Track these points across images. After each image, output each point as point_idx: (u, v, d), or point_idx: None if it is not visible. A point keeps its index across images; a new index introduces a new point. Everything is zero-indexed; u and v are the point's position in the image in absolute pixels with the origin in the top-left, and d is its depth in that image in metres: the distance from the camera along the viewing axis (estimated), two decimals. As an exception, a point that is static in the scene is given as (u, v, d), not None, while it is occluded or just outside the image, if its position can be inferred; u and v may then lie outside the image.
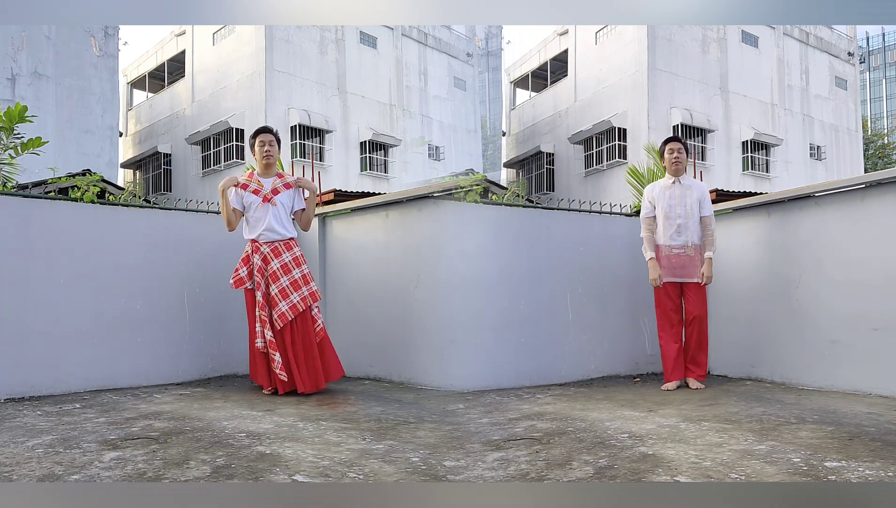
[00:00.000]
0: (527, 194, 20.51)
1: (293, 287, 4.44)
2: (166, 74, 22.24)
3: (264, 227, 4.46)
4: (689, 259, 4.71)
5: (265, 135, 4.60)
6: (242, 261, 4.53)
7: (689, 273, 4.71)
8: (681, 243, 4.70)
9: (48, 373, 4.32)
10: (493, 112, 34.06)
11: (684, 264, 4.70)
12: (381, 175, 20.12)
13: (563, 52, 22.31)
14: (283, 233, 4.51)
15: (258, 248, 4.46)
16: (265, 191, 4.50)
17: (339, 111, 19.46)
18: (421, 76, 22.09)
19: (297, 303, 4.42)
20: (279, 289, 4.41)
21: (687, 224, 4.70)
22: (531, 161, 23.22)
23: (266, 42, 17.97)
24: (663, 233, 4.75)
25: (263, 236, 4.47)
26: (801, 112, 22.19)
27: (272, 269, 4.44)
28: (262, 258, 4.45)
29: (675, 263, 4.71)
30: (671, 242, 4.71)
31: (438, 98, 22.67)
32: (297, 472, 2.49)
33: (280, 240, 4.49)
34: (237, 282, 4.52)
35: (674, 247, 4.71)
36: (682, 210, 4.71)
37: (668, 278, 4.72)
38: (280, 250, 4.48)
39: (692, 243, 4.71)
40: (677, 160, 4.77)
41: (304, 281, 4.48)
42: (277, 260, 4.45)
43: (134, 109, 23.93)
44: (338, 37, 19.64)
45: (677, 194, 4.74)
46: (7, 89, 14.95)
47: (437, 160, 22.17)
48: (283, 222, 4.52)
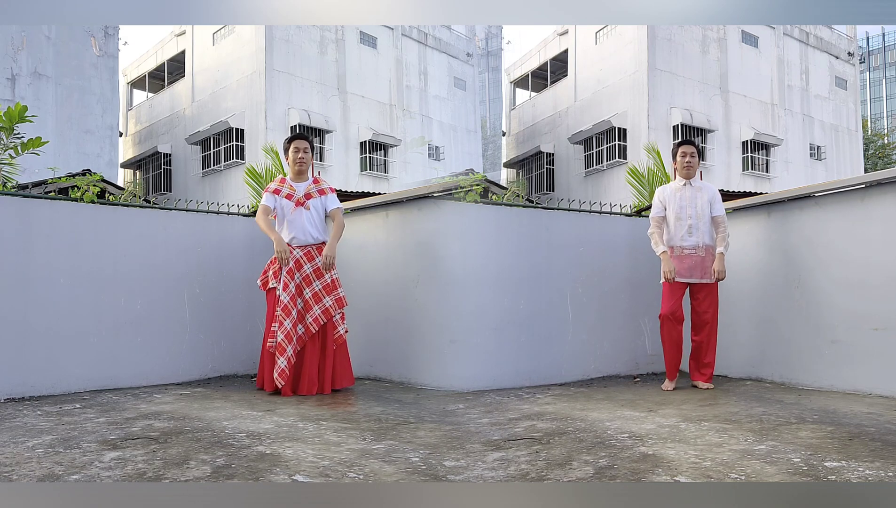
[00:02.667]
0: (527, 194, 20.51)
1: (325, 291, 4.48)
2: (166, 74, 22.24)
3: (298, 230, 4.51)
4: (700, 260, 4.70)
5: (300, 141, 4.63)
6: (270, 262, 4.55)
7: (700, 274, 4.70)
8: (692, 243, 4.70)
9: (48, 373, 4.32)
10: (493, 112, 34.05)
11: (695, 265, 4.70)
12: (381, 175, 20.12)
13: (563, 52, 22.31)
14: (317, 237, 4.56)
15: (291, 251, 4.48)
16: (298, 195, 4.54)
17: (339, 111, 19.46)
18: (421, 76, 22.09)
19: (329, 307, 4.48)
20: (313, 293, 4.46)
21: (698, 225, 4.70)
22: (531, 161, 23.22)
23: (266, 42, 17.97)
24: (675, 233, 4.75)
25: (297, 239, 4.51)
26: (801, 112, 22.19)
27: (305, 272, 4.47)
28: (296, 262, 4.47)
29: (687, 263, 4.70)
30: (682, 242, 4.71)
31: (438, 98, 22.67)
32: (297, 472, 2.49)
33: (313, 244, 4.54)
34: (263, 283, 4.56)
35: (685, 248, 4.70)
36: (692, 211, 4.72)
37: (678, 278, 4.71)
38: (313, 254, 4.52)
39: (703, 244, 4.71)
40: (689, 164, 4.79)
41: (333, 286, 4.52)
42: (310, 264, 4.49)
43: (134, 109, 23.93)
44: (338, 37, 19.64)
45: (688, 196, 4.76)
46: (7, 89, 14.94)
47: (437, 160, 22.17)
48: (317, 226, 4.56)
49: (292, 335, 4.39)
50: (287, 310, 4.39)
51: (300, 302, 4.46)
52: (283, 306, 4.38)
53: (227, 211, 5.44)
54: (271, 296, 4.50)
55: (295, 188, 4.58)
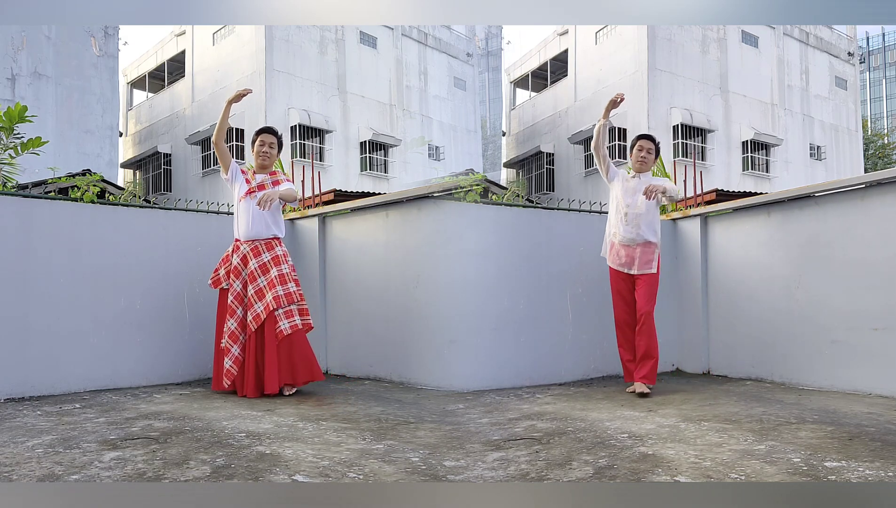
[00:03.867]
0: (527, 194, 20.53)
1: (269, 287, 4.34)
2: (166, 74, 22.25)
3: (245, 224, 4.40)
4: (634, 254, 4.56)
5: (267, 136, 4.56)
6: (222, 260, 4.50)
7: (638, 265, 4.56)
8: (627, 235, 4.55)
9: (48, 373, 4.32)
10: (493, 112, 34.06)
11: (632, 257, 4.56)
12: (381, 175, 20.13)
13: (563, 52, 22.32)
14: (264, 232, 4.41)
15: (238, 247, 4.42)
16: (254, 184, 4.44)
17: (339, 111, 19.47)
18: (421, 76, 22.10)
19: (269, 303, 4.31)
20: (255, 290, 4.35)
21: (636, 219, 4.54)
22: (531, 161, 23.23)
23: (266, 42, 17.98)
24: (615, 221, 4.62)
25: (244, 233, 4.41)
26: (801, 112, 22.20)
27: (250, 269, 4.37)
28: (242, 258, 4.40)
29: (628, 254, 4.57)
30: (622, 232, 4.57)
31: (438, 98, 22.67)
32: (297, 472, 2.49)
33: (261, 239, 4.41)
34: (214, 282, 4.49)
35: (623, 237, 4.57)
36: (632, 201, 4.56)
37: (616, 266, 4.60)
38: (260, 249, 4.39)
39: (641, 239, 4.54)
40: (644, 159, 4.66)
41: (280, 281, 4.34)
42: (256, 260, 4.37)
43: (134, 109, 23.94)
44: (338, 37, 19.65)
45: (632, 187, 4.60)
46: (7, 89, 14.95)
47: (437, 160, 22.18)
48: (266, 220, 4.41)
49: (237, 334, 4.34)
50: (231, 310, 4.34)
51: (245, 300, 4.38)
52: (227, 306, 4.36)
53: (227, 211, 5.43)
54: (223, 296, 4.44)
55: (254, 177, 4.49)
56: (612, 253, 4.67)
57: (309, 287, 5.61)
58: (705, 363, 5.51)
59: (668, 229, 5.73)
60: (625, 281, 4.63)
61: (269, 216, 4.42)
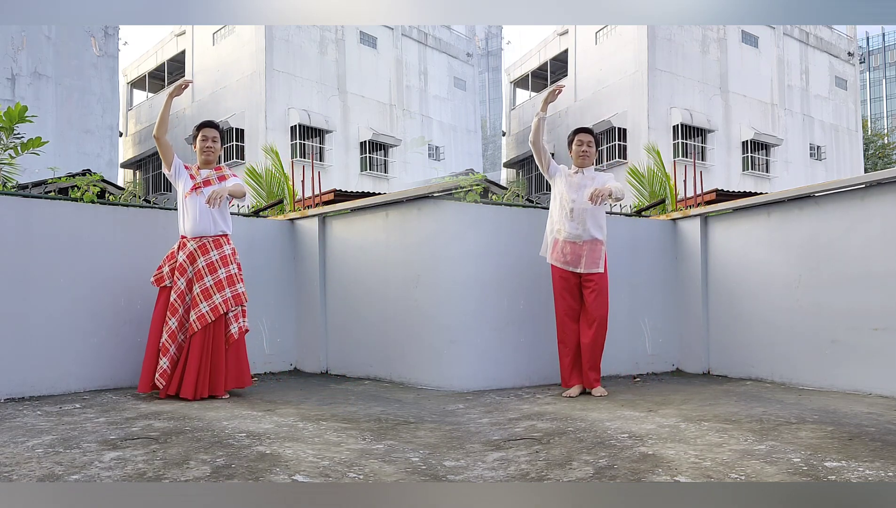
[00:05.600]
0: (527, 194, 20.51)
1: (217, 288, 4.24)
2: (166, 74, 22.25)
3: (192, 221, 4.27)
4: (580, 251, 4.45)
5: (208, 130, 4.43)
6: (167, 258, 4.35)
7: (586, 264, 4.45)
8: (573, 231, 4.44)
9: (48, 373, 4.32)
10: (493, 112, 34.04)
11: (578, 255, 4.45)
12: (381, 175, 20.13)
13: (563, 52, 22.33)
14: (212, 229, 4.30)
15: (185, 244, 4.29)
16: (199, 179, 4.32)
17: (339, 111, 19.47)
18: (421, 76, 22.10)
19: (218, 305, 4.22)
20: (202, 289, 4.22)
21: (581, 214, 4.44)
22: (531, 161, 23.19)
23: (266, 42, 17.98)
24: (558, 218, 4.50)
25: (191, 230, 4.29)
26: (801, 112, 22.20)
27: (197, 267, 4.25)
28: (188, 255, 4.26)
29: (573, 252, 4.46)
30: (564, 228, 4.46)
31: (438, 98, 22.67)
32: (297, 472, 2.49)
33: (209, 236, 4.29)
34: (157, 279, 4.32)
35: (567, 233, 4.46)
36: (577, 196, 4.46)
37: (561, 264, 4.48)
38: (208, 247, 4.28)
39: (588, 236, 4.45)
40: (585, 154, 4.57)
41: (228, 282, 4.27)
42: (203, 258, 4.25)
43: (134, 109, 23.94)
44: (338, 37, 19.65)
45: (576, 182, 4.51)
46: (7, 89, 14.95)
47: (437, 160, 22.18)
48: (214, 217, 4.29)
49: (176, 334, 4.21)
50: (173, 309, 4.21)
51: (188, 299, 4.25)
52: (169, 304, 4.22)
53: (227, 211, 5.43)
54: (164, 294, 4.30)
55: (199, 173, 4.36)
56: (555, 251, 4.52)
57: (309, 287, 5.61)
58: (705, 363, 5.51)
59: (669, 229, 5.73)
60: (569, 280, 4.48)
61: (217, 212, 4.31)
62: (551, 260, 4.55)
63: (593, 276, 4.46)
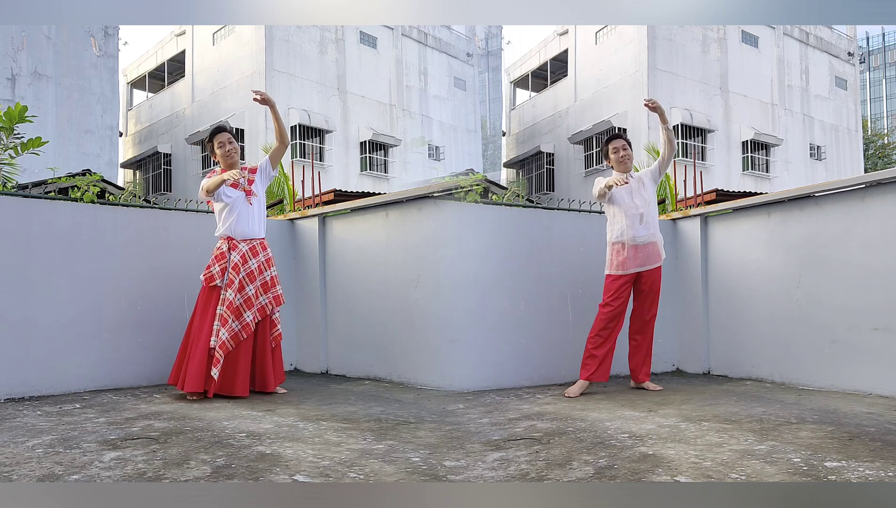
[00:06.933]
0: (527, 194, 20.52)
1: (263, 289, 4.42)
2: (166, 74, 22.25)
3: (245, 224, 4.38)
4: (651, 247, 4.59)
5: (222, 135, 4.53)
6: (216, 258, 4.38)
7: (652, 260, 4.60)
8: (645, 233, 4.56)
9: (48, 373, 4.32)
10: (493, 112, 34.05)
11: (648, 254, 4.58)
12: (381, 175, 20.13)
13: (563, 52, 22.33)
14: (259, 233, 4.46)
15: (236, 245, 4.38)
16: (242, 183, 4.39)
17: (339, 111, 19.47)
18: (421, 76, 22.10)
19: (265, 305, 4.40)
20: (255, 290, 4.37)
21: (650, 216, 4.59)
22: (531, 161, 23.24)
23: (266, 42, 17.98)
24: (628, 226, 4.58)
25: (241, 233, 4.38)
26: (801, 112, 22.20)
27: (249, 268, 4.36)
28: (242, 256, 4.36)
29: (641, 253, 4.57)
30: (636, 232, 4.56)
31: (438, 98, 22.67)
32: (297, 472, 2.49)
33: (257, 239, 4.44)
34: (207, 279, 4.35)
35: (638, 237, 4.56)
36: (640, 200, 4.59)
37: (633, 268, 4.57)
38: (257, 249, 4.43)
39: (655, 237, 4.60)
40: (623, 158, 4.69)
41: (272, 283, 4.46)
42: (255, 259, 4.40)
43: (134, 109, 23.94)
44: (338, 37, 19.65)
45: (634, 187, 4.63)
46: (7, 89, 14.95)
47: (437, 160, 22.18)
48: (260, 221, 4.47)
49: (240, 336, 4.28)
50: (238, 312, 4.29)
51: (239, 299, 4.33)
52: (229, 304, 4.26)
53: (227, 211, 5.43)
54: (211, 293, 4.32)
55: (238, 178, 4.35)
56: (620, 262, 4.58)
57: (309, 287, 5.61)
58: (705, 363, 5.51)
59: (668, 229, 5.73)
60: (628, 286, 4.59)
61: (258, 217, 4.46)
62: (617, 271, 4.59)
63: (654, 272, 4.62)
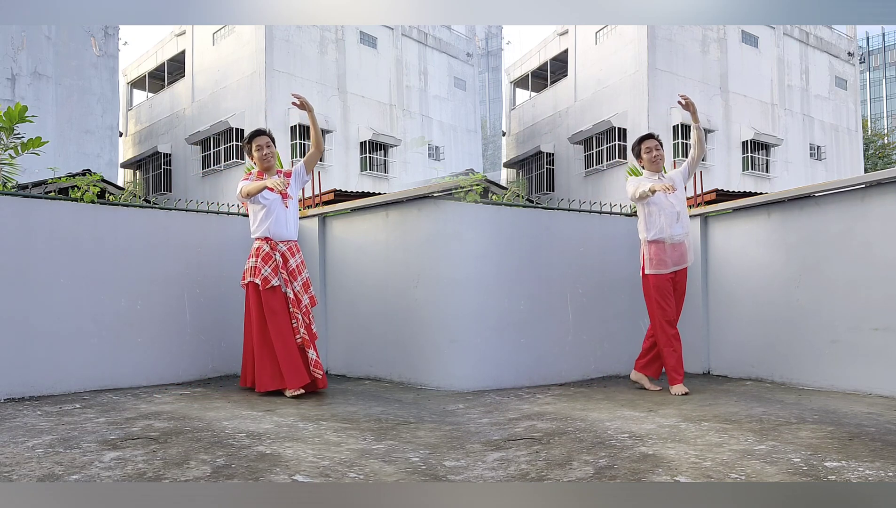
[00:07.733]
0: (527, 194, 20.52)
1: (304, 289, 4.52)
2: (166, 74, 22.24)
3: (282, 226, 4.48)
4: (682, 246, 4.68)
5: (261, 138, 4.59)
6: (263, 260, 4.42)
7: (683, 260, 4.68)
8: (682, 230, 4.65)
9: (48, 373, 4.32)
10: (493, 112, 34.04)
11: (681, 253, 4.67)
12: (381, 175, 20.12)
13: (563, 52, 22.31)
14: (294, 235, 4.57)
15: (276, 246, 4.47)
16: (279, 186, 4.44)
17: (339, 111, 19.46)
18: (421, 76, 22.09)
19: (307, 304, 4.52)
20: (300, 287, 4.49)
21: (684, 212, 4.68)
22: (531, 161, 23.22)
23: (266, 42, 17.97)
24: (666, 225, 4.64)
25: (279, 234, 4.48)
26: (801, 112, 22.19)
27: (290, 267, 4.49)
28: (282, 255, 4.48)
29: (676, 251, 4.65)
30: (672, 231, 4.64)
31: (438, 98, 22.66)
32: (297, 472, 2.49)
33: (292, 241, 4.55)
34: (263, 281, 4.39)
35: (675, 235, 4.64)
36: (675, 199, 4.66)
37: (672, 267, 4.64)
38: (294, 250, 4.54)
39: (687, 233, 4.70)
40: (656, 158, 4.76)
41: (308, 284, 4.57)
42: (293, 259, 4.51)
43: (134, 109, 23.93)
44: (338, 37, 19.64)
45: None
46: (7, 89, 14.95)
47: (437, 160, 22.17)
48: (295, 224, 4.58)
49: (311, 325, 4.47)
50: (298, 303, 4.44)
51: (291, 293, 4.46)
52: (293, 300, 4.42)
53: (227, 211, 5.44)
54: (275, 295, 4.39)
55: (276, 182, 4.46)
56: (660, 261, 4.63)
57: (309, 287, 5.62)
58: (705, 363, 5.51)
59: (668, 229, 5.73)
60: (668, 285, 4.64)
61: (294, 220, 4.59)
62: (656, 270, 4.63)
63: (683, 273, 4.70)
